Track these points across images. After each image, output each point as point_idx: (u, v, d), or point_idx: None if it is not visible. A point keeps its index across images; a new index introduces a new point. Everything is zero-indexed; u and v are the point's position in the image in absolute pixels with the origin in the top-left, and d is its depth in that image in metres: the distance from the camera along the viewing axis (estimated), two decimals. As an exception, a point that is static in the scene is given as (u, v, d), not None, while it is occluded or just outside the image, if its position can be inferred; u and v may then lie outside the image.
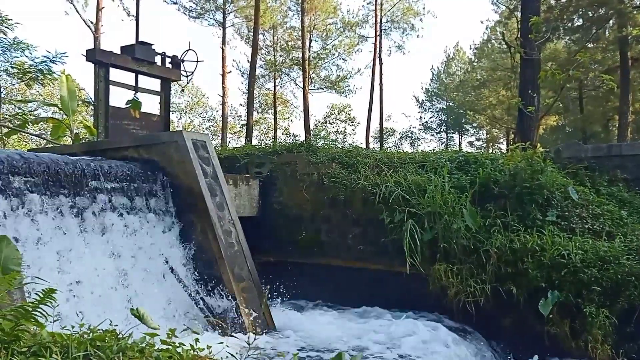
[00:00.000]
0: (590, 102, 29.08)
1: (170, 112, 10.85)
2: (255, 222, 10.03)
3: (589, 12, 22.46)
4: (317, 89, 38.14)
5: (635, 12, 21.04)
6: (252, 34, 25.99)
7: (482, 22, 38.99)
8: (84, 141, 13.13)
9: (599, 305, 6.67)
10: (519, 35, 13.25)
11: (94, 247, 6.43)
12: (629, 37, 20.62)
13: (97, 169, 6.72)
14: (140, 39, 10.02)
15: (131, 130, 9.47)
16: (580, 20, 23.51)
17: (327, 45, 37.07)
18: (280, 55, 37.77)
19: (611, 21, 22.23)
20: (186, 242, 7.62)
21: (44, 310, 3.14)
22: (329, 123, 49.37)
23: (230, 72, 34.81)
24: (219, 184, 7.94)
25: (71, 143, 12.61)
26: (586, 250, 7.15)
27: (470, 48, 40.96)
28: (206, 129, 48.68)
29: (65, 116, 13.02)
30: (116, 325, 3.28)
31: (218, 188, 7.90)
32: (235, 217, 8.00)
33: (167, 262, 7.14)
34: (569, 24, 23.54)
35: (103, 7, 26.93)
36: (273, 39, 37.41)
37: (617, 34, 21.11)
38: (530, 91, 12.29)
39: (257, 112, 43.06)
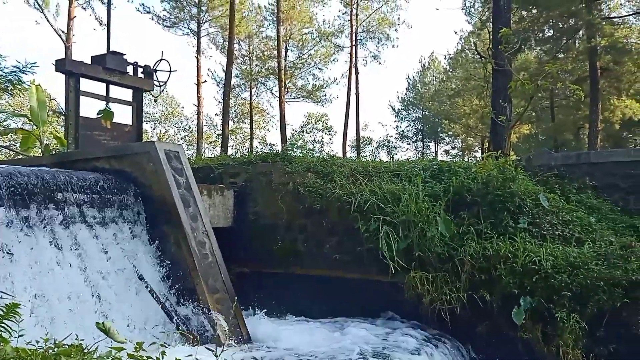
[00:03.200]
0: (561, 111, 29.74)
1: (144, 122, 10.75)
2: (230, 232, 9.95)
3: (559, 23, 23.05)
4: (294, 98, 38.29)
5: (604, 23, 21.64)
6: (227, 43, 25.95)
7: (456, 33, 39.59)
8: (54, 152, 12.89)
9: (570, 310, 6.77)
10: (490, 46, 13.48)
11: (63, 260, 6.29)
12: (598, 48, 21.14)
13: (67, 181, 6.60)
14: (112, 49, 9.92)
15: (102, 141, 9.34)
16: (551, 31, 24.11)
17: (303, 54, 37.30)
18: (256, 65, 37.83)
19: (581, 32, 22.83)
20: (159, 254, 7.51)
21: (7, 326, 3.07)
22: (306, 132, 49.49)
23: (205, 81, 34.70)
24: (193, 195, 7.87)
25: (41, 154, 12.37)
26: (557, 256, 7.27)
27: (445, 58, 41.64)
28: (181, 138, 48.34)
29: (35, 127, 12.78)
30: (82, 340, 3.21)
31: (191, 199, 7.82)
32: (209, 227, 7.93)
33: (138, 274, 7.02)
34: (540, 35, 24.11)
35: (75, 17, 26.61)
36: (249, 48, 37.48)
37: (587, 45, 21.62)
38: (501, 101, 12.50)
39: (233, 122, 42.98)
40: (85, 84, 9.44)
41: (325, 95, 38.35)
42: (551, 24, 23.25)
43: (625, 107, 24.59)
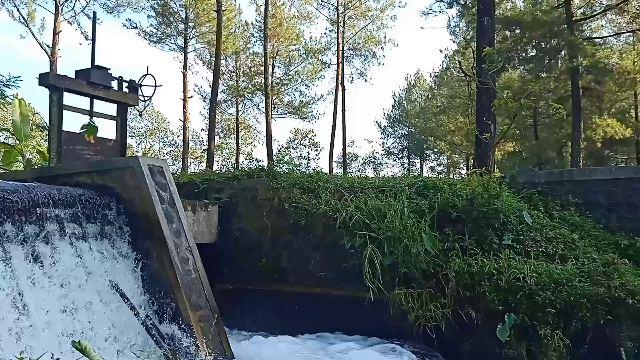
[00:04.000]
0: (544, 129, 30.17)
1: (129, 137, 10.67)
2: (214, 248, 9.86)
3: (542, 44, 23.48)
4: (281, 114, 38.38)
5: (585, 43, 22.08)
6: (214, 59, 25.99)
7: (441, 51, 40.05)
8: (36, 167, 12.72)
9: (554, 328, 6.78)
10: (474, 65, 13.65)
11: (42, 276, 6.16)
12: (580, 68, 21.53)
13: (47, 196, 6.49)
14: (97, 63, 9.86)
15: (85, 156, 9.24)
16: (534, 51, 24.54)
17: (290, 71, 37.47)
18: (243, 81, 37.92)
19: (563, 52, 23.26)
20: (141, 270, 7.40)
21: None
22: (293, 148, 49.58)
23: (192, 96, 34.70)
24: (176, 210, 7.79)
25: (23, 169, 12.20)
26: (540, 273, 7.29)
27: (430, 76, 42.08)
28: (167, 154, 48.17)
29: (17, 141, 12.62)
30: (58, 359, 3.13)
31: (175, 214, 7.74)
32: (192, 244, 7.84)
33: (120, 290, 6.89)
34: (523, 54, 24.53)
35: (60, 31, 26.55)
36: (236, 64, 37.58)
37: (569, 65, 21.99)
38: (485, 118, 12.63)
39: (220, 137, 42.93)
40: (70, 98, 9.36)
41: (312, 111, 38.52)
42: (534, 44, 23.67)
43: (607, 126, 25.02)
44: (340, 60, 34.85)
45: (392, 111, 50.71)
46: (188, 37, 34.32)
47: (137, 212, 7.50)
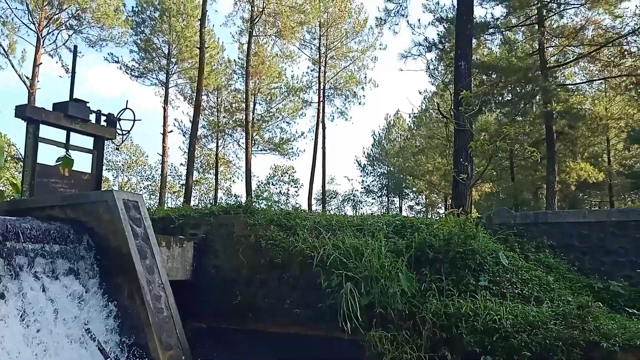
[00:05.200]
0: (520, 171, 30.71)
1: (106, 170, 10.56)
2: (188, 286, 9.65)
3: (517, 88, 24.13)
4: (261, 150, 38.44)
5: (559, 89, 22.78)
6: (195, 94, 26.11)
7: (420, 93, 40.89)
8: (8, 199, 12.44)
9: (530, 371, 6.72)
10: (452, 107, 13.94)
11: (9, 313, 5.94)
12: (554, 113, 22.12)
13: (16, 229, 6.32)
14: (76, 96, 9.81)
15: (59, 189, 9.08)
16: (510, 95, 25.19)
17: (272, 108, 37.77)
18: (224, 117, 38.06)
19: (537, 97, 23.91)
20: (111, 307, 7.19)
21: None
22: (272, 184, 49.56)
23: (171, 131, 34.68)
24: (150, 246, 7.65)
25: (-6, 200, 11.90)
26: (516, 315, 7.27)
27: (410, 116, 42.82)
28: (144, 187, 47.65)
29: (-10, 172, 12.37)
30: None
31: (149, 250, 7.60)
32: (165, 280, 7.68)
33: (88, 328, 6.67)
34: (499, 98, 25.14)
35: (41, 63, 26.48)
36: (217, 100, 37.78)
37: (543, 109, 22.58)
38: (462, 160, 12.83)
39: (198, 172, 42.69)
40: (47, 131, 9.27)
41: (292, 148, 38.70)
42: (510, 88, 24.32)
43: (581, 170, 25.58)
44: (321, 99, 35.32)
45: (371, 150, 51.26)
46: (170, 73, 34.51)
47: (110, 247, 7.35)
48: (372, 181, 51.88)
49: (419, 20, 39.79)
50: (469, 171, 12.91)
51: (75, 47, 11.09)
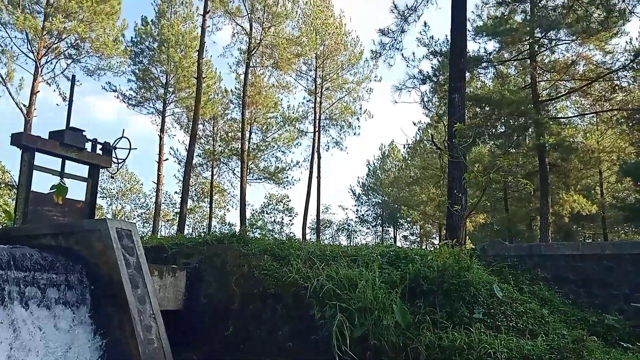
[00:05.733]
0: (514, 203, 30.82)
1: (100, 198, 10.54)
2: (180, 316, 9.53)
3: (510, 121, 24.39)
4: (256, 179, 38.47)
5: (551, 122, 23.06)
6: (191, 123, 26.26)
7: (414, 124, 41.19)
8: (1, 227, 12.35)
9: (525, 407, 6.63)
10: (446, 139, 14.07)
11: (-5, 344, 5.84)
12: (547, 145, 22.32)
13: (7, 257, 6.26)
14: (72, 124, 9.85)
15: (52, 217, 9.03)
16: (503, 128, 25.44)
17: (267, 137, 37.99)
18: (220, 145, 38.20)
19: (530, 130, 24.17)
20: (100, 338, 7.07)
21: None
22: (267, 213, 49.39)
23: (167, 159, 34.75)
24: (142, 275, 7.59)
25: (-14, 227, 11.82)
26: (511, 349, 7.20)
27: (404, 147, 43.10)
28: (138, 215, 47.41)
29: (-17, 199, 12.31)
30: None
31: (141, 279, 7.53)
32: (157, 310, 7.59)
33: (76, 358, 6.56)
34: (493, 130, 25.38)
35: (38, 91, 26.66)
36: (213, 129, 37.98)
37: (536, 142, 22.79)
38: (456, 191, 12.88)
39: (193, 201, 42.58)
40: (42, 158, 9.27)
41: (287, 177, 38.73)
42: (503, 120, 24.56)
43: (574, 202, 25.70)
44: (316, 129, 35.59)
45: (366, 179, 51.42)
46: (167, 102, 34.76)
47: (102, 276, 7.29)
48: (367, 211, 51.91)
49: (413, 53, 40.04)
50: (463, 202, 12.95)
51: (74, 76, 11.21)
